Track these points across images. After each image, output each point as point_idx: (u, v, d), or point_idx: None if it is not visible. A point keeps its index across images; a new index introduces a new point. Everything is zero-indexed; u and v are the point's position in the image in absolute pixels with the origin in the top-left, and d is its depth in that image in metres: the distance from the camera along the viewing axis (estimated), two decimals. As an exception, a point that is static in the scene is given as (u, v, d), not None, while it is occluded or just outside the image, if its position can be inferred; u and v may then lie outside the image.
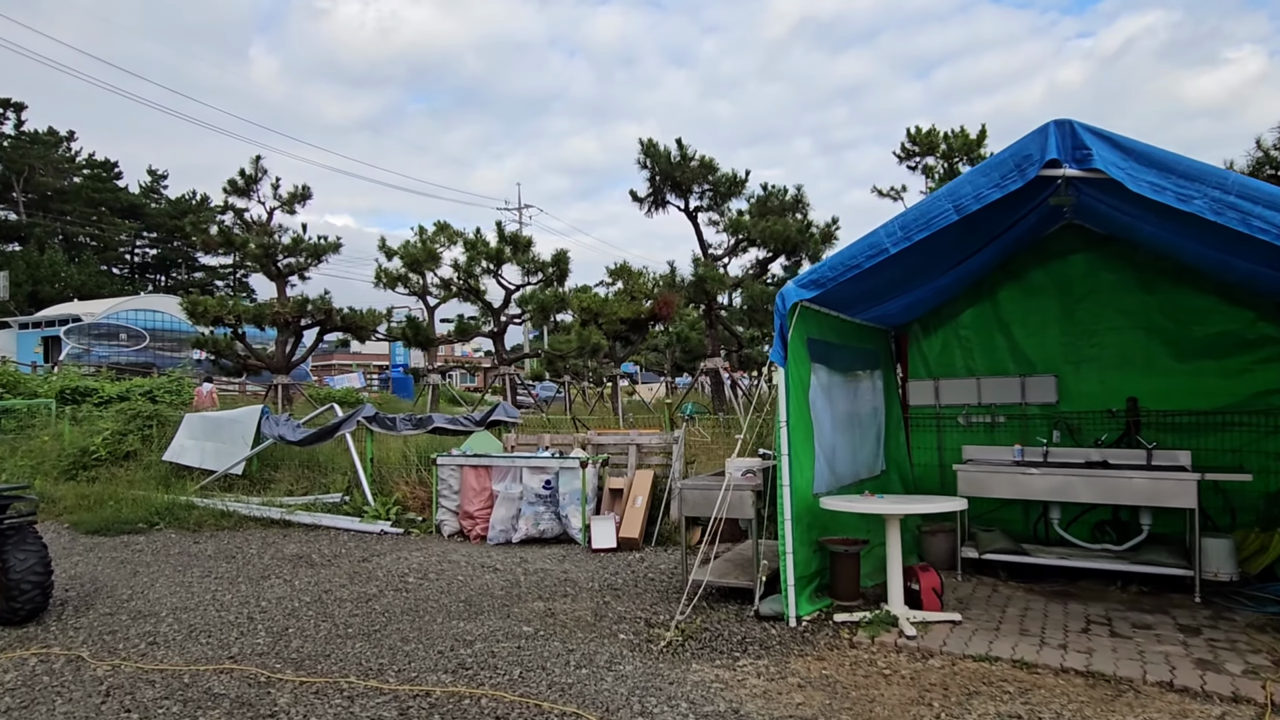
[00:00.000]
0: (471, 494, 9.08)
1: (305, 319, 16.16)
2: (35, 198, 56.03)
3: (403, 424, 10.52)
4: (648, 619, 5.77)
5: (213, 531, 9.67)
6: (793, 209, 13.46)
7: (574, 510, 8.57)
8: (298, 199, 16.68)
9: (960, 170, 17.28)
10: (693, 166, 12.87)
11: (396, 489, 10.42)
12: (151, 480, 11.51)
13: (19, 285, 44.49)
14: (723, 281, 13.03)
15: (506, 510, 8.87)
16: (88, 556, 8.49)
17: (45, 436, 13.37)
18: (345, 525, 9.64)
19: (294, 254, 16.66)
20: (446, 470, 9.32)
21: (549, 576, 7.17)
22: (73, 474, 11.97)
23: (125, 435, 12.34)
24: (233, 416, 11.90)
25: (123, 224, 60.48)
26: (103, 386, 19.18)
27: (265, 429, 11.38)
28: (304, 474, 11.36)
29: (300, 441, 10.92)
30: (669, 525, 8.50)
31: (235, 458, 11.50)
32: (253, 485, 11.41)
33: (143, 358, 35.72)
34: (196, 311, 15.58)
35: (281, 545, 8.81)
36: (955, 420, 7.86)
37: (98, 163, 61.78)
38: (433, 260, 16.51)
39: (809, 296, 5.24)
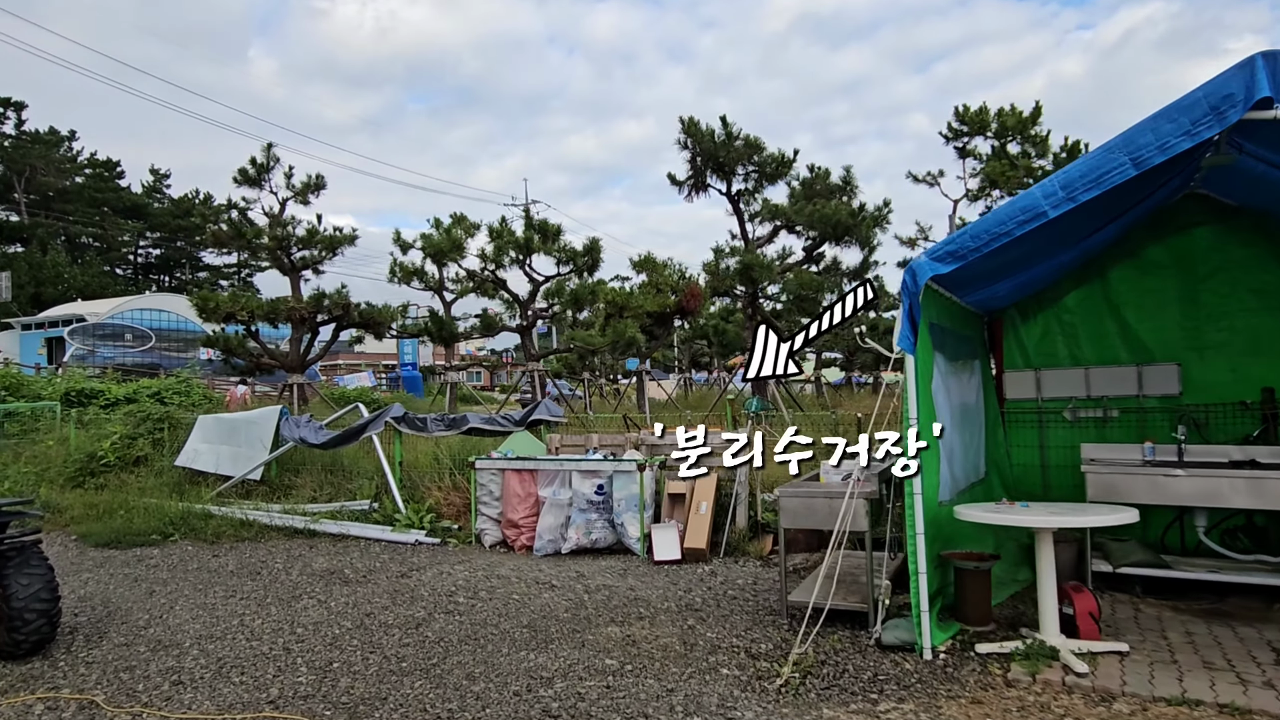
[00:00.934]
0: (515, 500, 8.31)
1: (322, 314, 15.39)
2: (37, 198, 55.37)
3: (435, 425, 9.76)
4: (747, 648, 5.00)
5: (232, 543, 8.92)
6: (839, 192, 12.67)
7: (631, 518, 7.80)
8: (311, 189, 15.89)
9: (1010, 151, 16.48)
10: (737, 146, 12.05)
11: (429, 495, 9.66)
12: (164, 487, 10.75)
13: (21, 287, 43.80)
14: (770, 269, 12.24)
15: (554, 518, 8.11)
16: (98, 573, 7.74)
17: (50, 441, 12.63)
18: (376, 535, 8.88)
19: (309, 246, 15.87)
20: (486, 475, 8.56)
21: (615, 594, 6.40)
22: (80, 481, 11.22)
23: (135, 439, 11.58)
24: (249, 418, 11.14)
25: (125, 224, 59.84)
26: (109, 388, 18.44)
27: (285, 431, 10.62)
28: (327, 479, 10.60)
29: (324, 444, 10.16)
30: (736, 534, 7.73)
31: (253, 462, 10.75)
32: (272, 492, 10.66)
33: (149, 358, 35.00)
34: (207, 308, 14.80)
35: (309, 558, 8.05)
36: (1060, 415, 7.06)
37: (99, 162, 61.11)
38: (457, 250, 15.74)
39: (945, 271, 4.46)
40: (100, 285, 51.03)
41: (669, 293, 18.84)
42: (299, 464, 11.04)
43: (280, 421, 10.77)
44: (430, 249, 16.06)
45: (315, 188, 15.91)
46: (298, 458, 11.07)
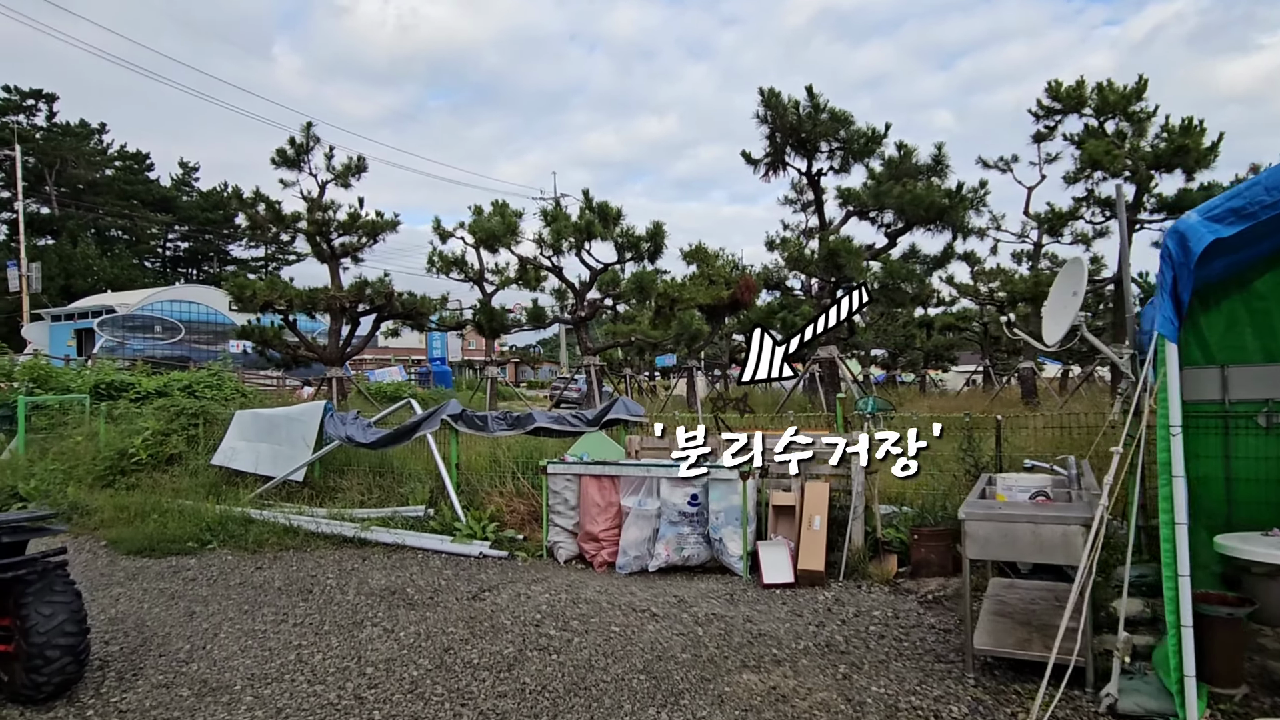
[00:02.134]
0: (594, 510, 7.36)
1: (363, 304, 14.54)
2: (67, 191, 55.37)
3: (495, 423, 8.83)
4: (936, 713, 3.99)
5: (276, 552, 8.04)
6: (929, 172, 11.58)
7: (730, 533, 6.81)
8: (353, 172, 15.01)
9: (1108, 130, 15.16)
10: (823, 120, 10.98)
11: (489, 501, 8.74)
12: (199, 488, 9.93)
13: (51, 279, 43.61)
14: (858, 254, 11.19)
15: (640, 531, 7.14)
16: (130, 587, 6.89)
17: (79, 436, 11.87)
18: (434, 546, 7.97)
19: (349, 232, 14.99)
20: (561, 481, 7.61)
21: (732, 628, 5.42)
22: (110, 480, 10.43)
23: (168, 436, 10.78)
24: (291, 414, 10.28)
25: (154, 217, 59.75)
26: (139, 381, 17.74)
27: (330, 429, 9.75)
28: (375, 481, 9.71)
29: (373, 444, 9.28)
30: (854, 553, 6.71)
31: (295, 462, 9.89)
32: (316, 494, 9.79)
33: (178, 351, 34.52)
34: (243, 296, 13.99)
35: (364, 573, 7.15)
36: (1252, 420, 5.97)
37: (129, 155, 61.11)
38: (511, 234, 14.80)
39: (1226, 235, 3.42)
40: (129, 277, 50.85)
41: (722, 285, 17.83)
42: (343, 464, 10.17)
43: (324, 418, 9.90)
44: (481, 233, 15.07)
45: (356, 170, 15.03)
46: (342, 457, 10.19)
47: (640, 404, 10.19)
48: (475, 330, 17.84)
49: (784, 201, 22.81)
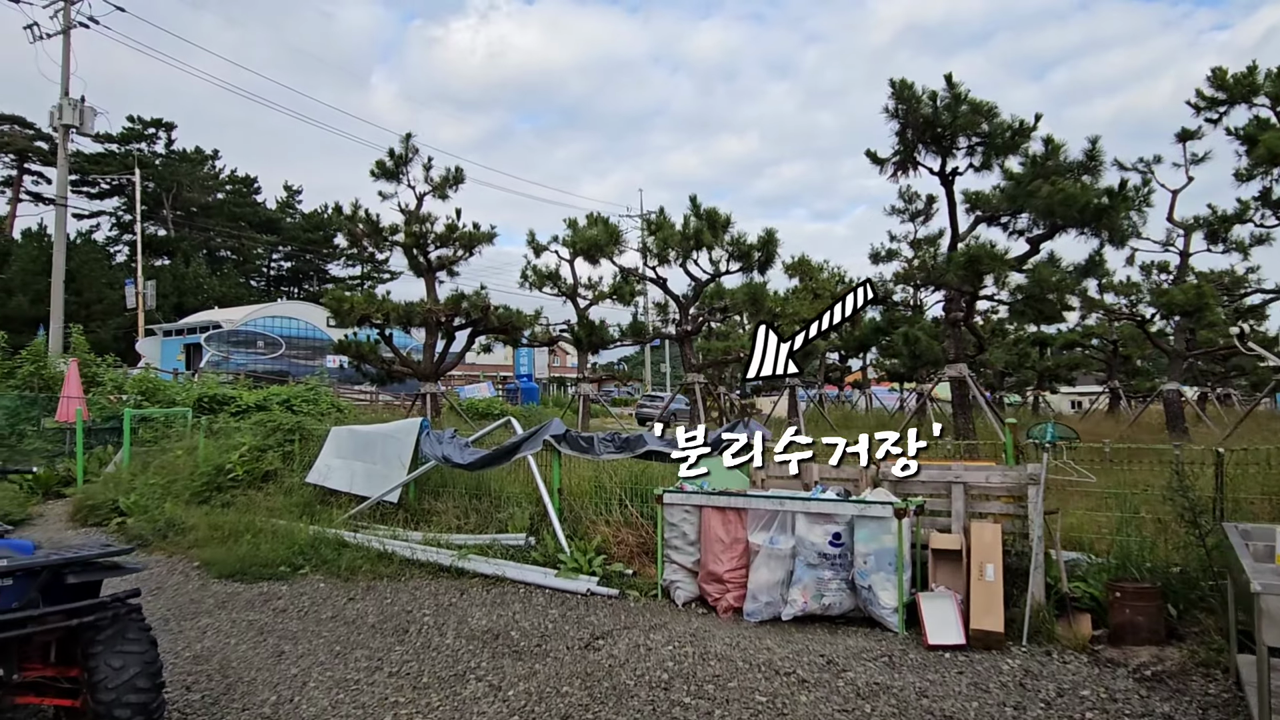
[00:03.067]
0: (718, 547, 6.48)
1: (459, 318, 14.15)
2: (182, 214, 58.46)
3: (602, 445, 8.08)
4: None
5: (369, 581, 7.48)
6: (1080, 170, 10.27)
7: (882, 580, 5.81)
8: (450, 183, 14.72)
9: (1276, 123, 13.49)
10: (963, 112, 9.88)
11: (595, 531, 7.98)
12: (294, 507, 9.54)
13: (166, 296, 45.84)
14: (1003, 261, 10.00)
15: (771, 573, 6.22)
16: (218, 618, 6.40)
17: (179, 450, 11.78)
18: (537, 580, 7.24)
19: (446, 244, 14.68)
20: (678, 512, 6.78)
21: (905, 705, 4.44)
22: (206, 496, 10.18)
23: (264, 452, 10.49)
24: (386, 432, 9.82)
25: (260, 238, 62.46)
26: (240, 394, 17.92)
27: (426, 448, 9.21)
28: (472, 505, 9.10)
29: (471, 465, 8.67)
30: (1036, 610, 5.60)
31: (390, 482, 9.39)
32: (411, 517, 9.25)
33: (278, 365, 35.52)
34: (341, 310, 13.82)
35: (464, 611, 6.47)
36: None
37: (239, 178, 64.19)
38: (615, 243, 14.21)
39: None
40: (236, 295, 53.08)
41: (827, 299, 16.72)
42: (439, 486, 9.61)
43: (421, 436, 9.38)
44: (583, 243, 14.50)
45: (454, 182, 14.74)
46: (437, 478, 9.64)
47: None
48: (574, 345, 17.25)
49: (890, 211, 21.58)
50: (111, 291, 42.26)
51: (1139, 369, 31.68)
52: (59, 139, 28.03)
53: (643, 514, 8.07)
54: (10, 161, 52.00)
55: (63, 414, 14.85)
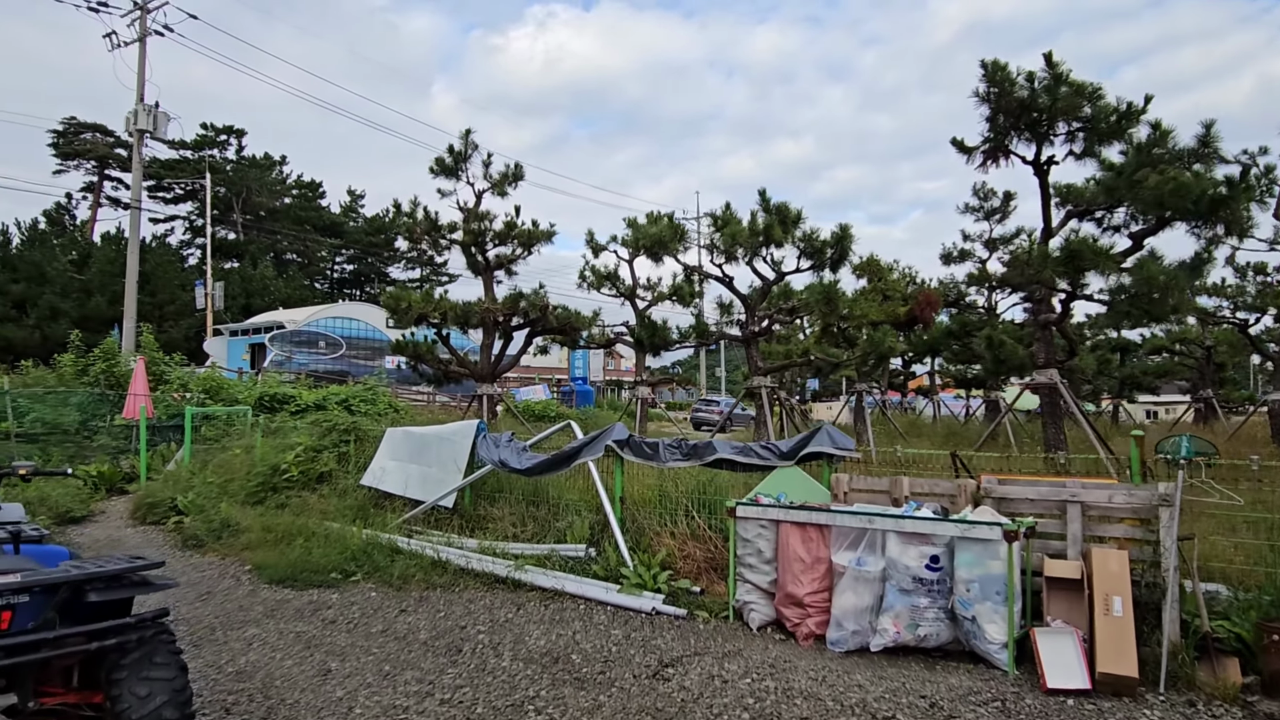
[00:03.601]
0: (797, 567, 5.89)
1: (518, 317, 13.83)
2: (251, 218, 60.16)
3: (668, 452, 7.56)
4: None
5: (422, 591, 7.10)
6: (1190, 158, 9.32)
7: (989, 611, 5.14)
8: (509, 180, 14.41)
9: None
10: (1063, 94, 9.04)
11: (659, 543, 7.46)
12: (347, 510, 9.26)
13: (234, 298, 47.12)
14: (1108, 257, 9.11)
15: (859, 598, 5.61)
16: (265, 628, 6.08)
17: (237, 449, 11.68)
18: (598, 595, 6.76)
19: (505, 242, 14.37)
20: (753, 526, 6.21)
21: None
22: (261, 497, 10.00)
23: (319, 452, 10.27)
24: (442, 434, 9.47)
25: (324, 241, 63.88)
26: (300, 394, 17.98)
27: (482, 451, 8.83)
28: (529, 512, 8.68)
29: (529, 470, 8.24)
30: (1173, 651, 4.86)
31: (445, 486, 9.04)
32: (465, 523, 8.88)
33: (339, 365, 36.02)
34: (399, 309, 13.62)
35: (521, 628, 6.02)
36: None
37: (305, 183, 65.81)
38: (679, 240, 13.72)
39: None
40: (300, 298, 54.31)
41: (898, 300, 15.92)
42: (494, 491, 9.23)
43: (477, 439, 9.01)
44: (645, 240, 13.99)
45: (513, 179, 14.42)
46: (494, 483, 9.26)
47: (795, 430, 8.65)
48: (635, 346, 16.76)
49: (964, 209, 20.58)
50: (184, 293, 43.59)
51: (1226, 378, 29.72)
52: (134, 144, 28.84)
53: (711, 526, 7.53)
54: (92, 168, 54.23)
55: (129, 411, 15.02)
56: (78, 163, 53.77)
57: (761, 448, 7.08)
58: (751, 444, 7.23)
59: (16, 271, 41.36)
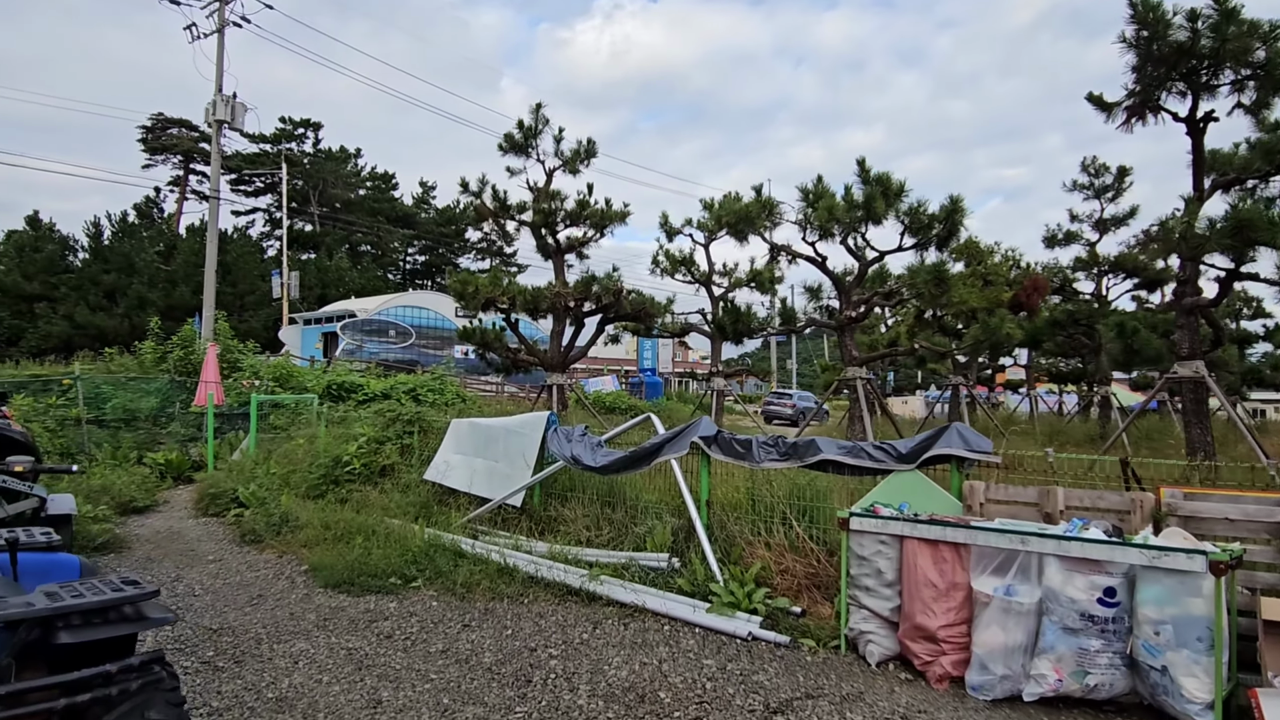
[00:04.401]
0: (927, 593, 4.91)
1: (589, 302, 13.05)
2: (326, 210, 61.37)
3: (762, 450, 6.64)
4: None
5: (487, 602, 6.39)
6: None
7: (1186, 661, 4.08)
8: (581, 158, 13.61)
9: None
10: (1232, 34, 7.72)
11: (752, 554, 6.56)
12: (410, 506, 8.66)
13: (310, 288, 48.03)
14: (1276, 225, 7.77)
15: (1007, 634, 4.60)
16: (315, 643, 5.43)
17: (300, 439, 11.26)
18: (684, 614, 5.91)
19: (576, 222, 13.58)
20: (871, 542, 5.25)
21: None
22: (322, 490, 9.50)
23: (382, 444, 9.71)
24: (510, 427, 8.76)
25: (396, 231, 64.74)
26: (368, 383, 17.69)
27: (553, 446, 8.08)
28: (604, 514, 7.89)
29: (605, 468, 7.45)
30: None
31: (512, 483, 8.33)
32: (534, 524, 8.16)
33: (408, 355, 36.12)
34: (465, 293, 12.99)
35: (599, 654, 5.22)
36: None
37: (378, 175, 66.81)
38: (768, 215, 12.67)
39: None
40: (373, 288, 55.08)
41: (1002, 286, 14.52)
42: (566, 490, 8.47)
43: (548, 433, 8.26)
44: (730, 217, 12.92)
45: (585, 156, 13.61)
46: (565, 481, 8.51)
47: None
48: (715, 333, 15.79)
49: (1071, 187, 18.88)
50: (263, 283, 44.60)
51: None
52: (213, 134, 29.28)
53: (811, 536, 6.59)
54: (178, 162, 56.07)
55: (200, 398, 14.93)
56: (165, 157, 55.66)
57: (874, 448, 6.09)
58: (861, 443, 6.24)
59: (108, 263, 42.97)
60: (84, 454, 11.82)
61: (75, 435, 12.36)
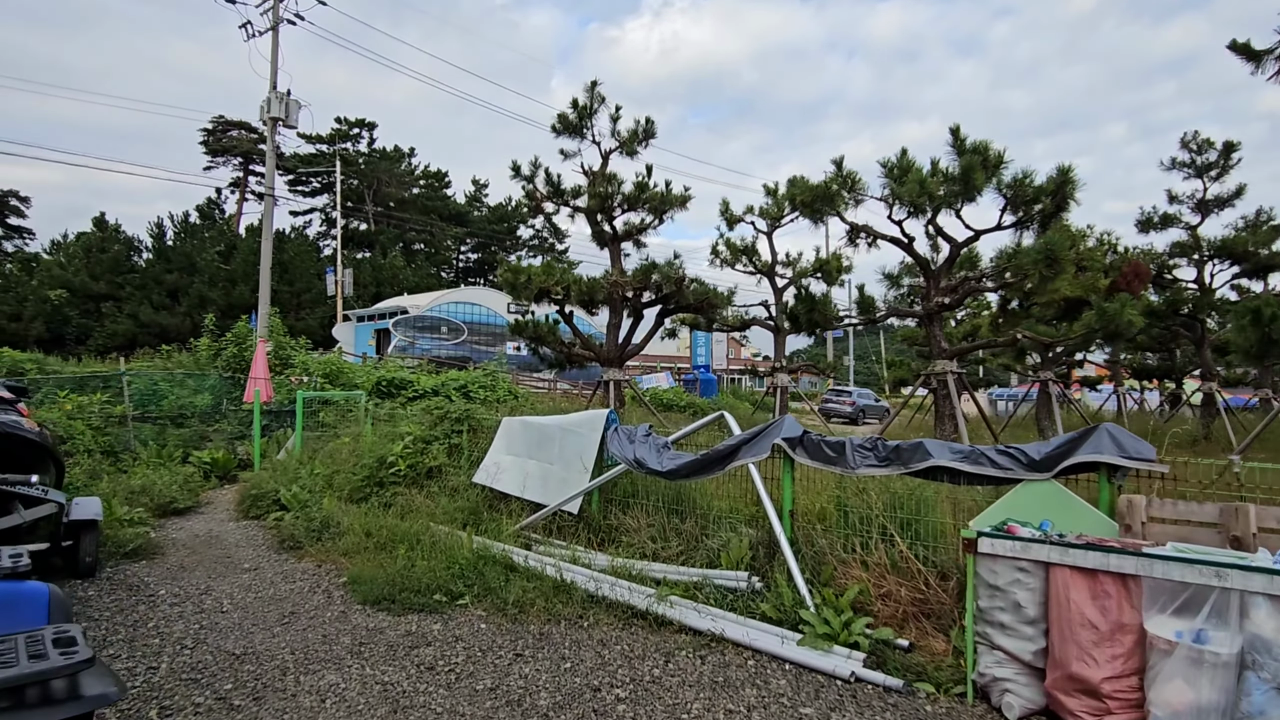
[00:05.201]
0: (1086, 635, 3.96)
1: (649, 292, 12.19)
2: (381, 209, 61.89)
3: (858, 455, 5.72)
4: None
5: (542, 624, 5.62)
6: None
7: None
8: (639, 139, 12.73)
9: None
10: None
11: (846, 575, 5.66)
12: (457, 513, 7.95)
13: (365, 287, 48.34)
14: None
15: (1195, 690, 3.63)
16: (347, 674, 4.73)
17: (346, 438, 10.70)
18: (771, 647, 5.04)
19: (634, 207, 12.70)
20: (1006, 569, 4.30)
21: None
22: (365, 492, 8.88)
23: (429, 444, 9.04)
24: (566, 425, 8.00)
25: (449, 229, 64.99)
26: (418, 379, 17.18)
27: (614, 447, 7.28)
28: (671, 523, 7.06)
29: (673, 472, 6.61)
30: None
31: (569, 487, 7.56)
32: (593, 534, 7.38)
33: (460, 351, 35.83)
34: (518, 284, 12.23)
35: (674, 696, 4.39)
36: None
37: (431, 173, 67.17)
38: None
39: None
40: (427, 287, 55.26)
41: (1098, 272, 13.22)
42: (627, 495, 7.67)
43: (607, 432, 7.47)
44: (805, 195, 11.82)
45: (643, 137, 12.74)
46: (626, 485, 7.70)
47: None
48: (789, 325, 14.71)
49: (1170, 166, 17.35)
50: (319, 282, 44.99)
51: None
52: (267, 131, 29.35)
53: (917, 555, 5.64)
54: (238, 164, 57.13)
55: (249, 395, 14.59)
56: (225, 159, 56.75)
57: (998, 453, 5.13)
58: (980, 447, 5.27)
59: (170, 263, 43.83)
60: (129, 452, 11.47)
61: (121, 433, 12.04)
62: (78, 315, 41.97)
